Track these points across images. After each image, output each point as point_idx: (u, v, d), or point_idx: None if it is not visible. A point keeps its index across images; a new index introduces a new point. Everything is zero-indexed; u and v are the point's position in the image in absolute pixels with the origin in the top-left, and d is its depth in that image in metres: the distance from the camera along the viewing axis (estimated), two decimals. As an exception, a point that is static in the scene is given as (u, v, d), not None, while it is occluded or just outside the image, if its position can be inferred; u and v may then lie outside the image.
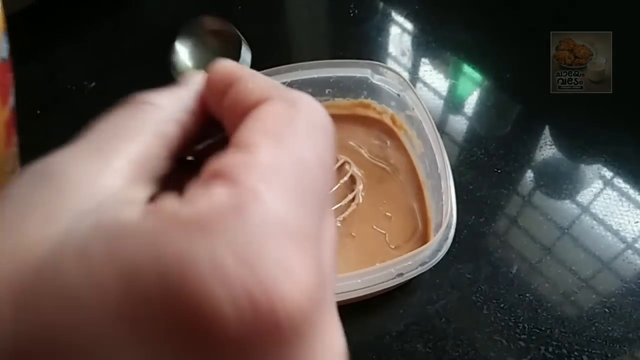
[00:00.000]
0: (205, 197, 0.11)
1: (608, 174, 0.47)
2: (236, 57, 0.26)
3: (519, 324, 0.38)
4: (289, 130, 0.13)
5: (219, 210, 0.11)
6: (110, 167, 0.13)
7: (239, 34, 0.27)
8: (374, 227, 0.42)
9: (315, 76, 0.45)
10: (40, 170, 0.13)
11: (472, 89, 0.55)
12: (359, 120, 0.49)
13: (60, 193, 0.13)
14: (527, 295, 0.39)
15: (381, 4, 0.64)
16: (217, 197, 0.11)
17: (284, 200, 0.12)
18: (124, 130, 0.15)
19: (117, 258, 0.11)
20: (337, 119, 0.48)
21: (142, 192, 0.14)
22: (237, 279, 0.10)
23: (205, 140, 0.18)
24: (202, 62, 0.27)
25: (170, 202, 0.12)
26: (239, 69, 0.16)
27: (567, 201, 0.45)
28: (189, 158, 0.18)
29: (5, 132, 0.29)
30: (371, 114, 0.48)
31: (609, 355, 0.37)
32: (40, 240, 0.11)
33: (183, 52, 0.28)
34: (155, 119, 0.15)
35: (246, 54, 0.27)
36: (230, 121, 0.15)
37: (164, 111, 0.16)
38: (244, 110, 0.14)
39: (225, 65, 0.17)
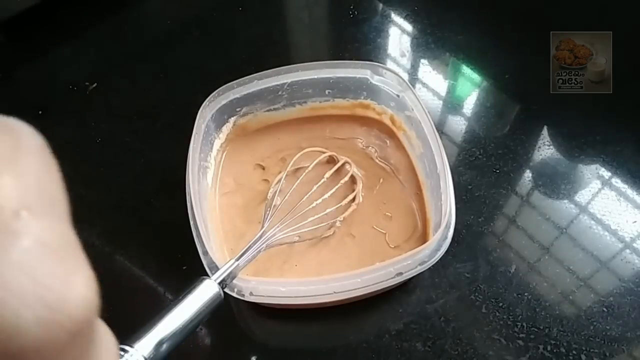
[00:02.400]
0: None
1: (606, 174, 0.47)
2: None
3: (518, 323, 0.38)
4: (14, 152, 0.13)
5: None
6: None
7: None
8: (374, 226, 0.42)
9: (315, 77, 0.46)
10: None
11: (471, 90, 0.55)
12: (358, 120, 0.49)
13: None
14: (526, 294, 0.40)
15: (381, 5, 0.64)
16: None
17: (45, 218, 0.12)
18: None
19: None
20: (337, 119, 0.49)
21: None
22: (37, 295, 0.11)
23: None
24: None
25: None
26: None
27: (566, 201, 0.46)
28: None
29: None
30: (371, 114, 0.49)
31: (607, 354, 0.37)
32: None
33: None
34: None
35: None
36: None
37: None
38: None
39: None
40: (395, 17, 0.62)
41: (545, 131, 0.51)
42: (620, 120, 0.51)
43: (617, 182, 0.47)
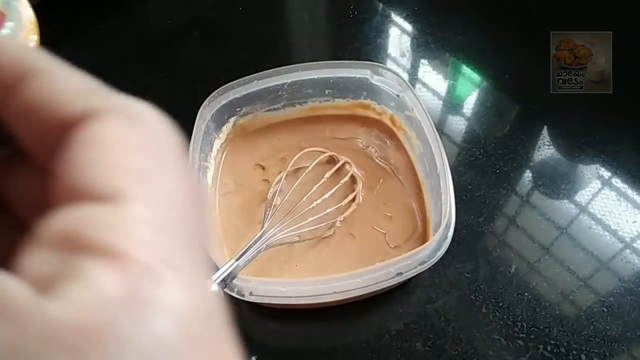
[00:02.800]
0: (80, 290, 0.08)
1: (606, 174, 0.47)
2: None
3: (518, 323, 0.38)
4: (153, 164, 0.10)
5: (110, 311, 0.08)
6: None
7: None
8: (374, 227, 0.42)
9: (315, 77, 0.45)
10: None
11: (471, 90, 0.55)
12: (358, 120, 0.49)
13: None
14: (526, 294, 0.40)
15: (380, 5, 0.64)
16: (102, 286, 0.08)
17: (183, 271, 0.09)
18: None
19: None
20: (337, 119, 0.49)
21: None
22: None
23: None
24: None
25: (19, 293, 0.08)
26: (35, 56, 0.11)
27: (566, 201, 0.46)
28: None
29: None
30: (371, 114, 0.49)
31: (607, 354, 0.37)
32: None
33: None
34: None
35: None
36: (29, 132, 0.11)
37: None
38: (57, 124, 0.10)
39: (11, 46, 0.11)
40: (395, 17, 0.62)
41: (545, 131, 0.51)
42: (620, 120, 0.51)
43: (617, 182, 0.47)
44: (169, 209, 0.09)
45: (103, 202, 0.09)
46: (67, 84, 0.11)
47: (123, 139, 0.10)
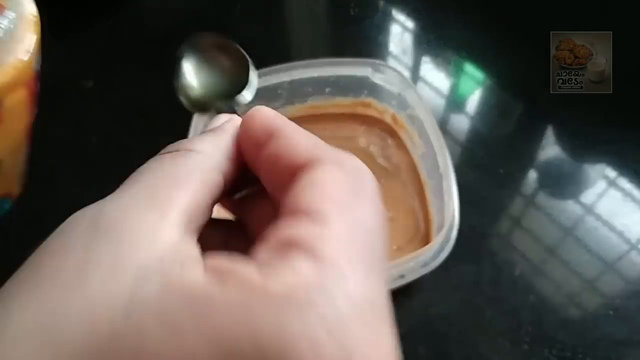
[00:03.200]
0: (289, 271, 0.12)
1: (612, 174, 0.47)
2: (244, 78, 0.26)
3: (522, 327, 0.38)
4: (352, 198, 0.14)
5: (306, 287, 0.11)
6: (166, 219, 0.13)
7: (244, 52, 0.26)
8: (375, 228, 0.41)
9: (316, 75, 0.45)
10: (95, 221, 0.13)
11: (474, 88, 0.55)
12: (359, 119, 0.48)
13: (121, 247, 0.12)
14: (531, 297, 0.39)
15: (382, 3, 0.63)
16: (302, 272, 0.12)
17: (362, 273, 0.12)
18: (172, 178, 0.15)
19: (210, 331, 0.11)
20: (338, 117, 0.48)
21: (194, 245, 0.13)
22: (333, 357, 0.11)
23: (240, 190, 0.18)
24: (210, 84, 0.27)
25: (248, 271, 0.12)
26: (279, 120, 0.16)
27: (571, 202, 0.45)
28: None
29: (25, 136, 0.29)
30: (372, 113, 0.48)
31: (614, 358, 0.37)
32: (109, 299, 0.11)
33: (188, 71, 0.27)
34: (201, 166, 0.15)
35: (253, 75, 0.27)
36: (271, 176, 0.16)
37: (209, 159, 0.16)
38: (291, 169, 0.15)
39: (263, 113, 0.17)
40: (397, 15, 0.61)
41: (549, 131, 0.50)
42: (624, 121, 0.51)
43: (623, 182, 0.46)
44: (358, 230, 0.13)
45: (314, 220, 0.13)
46: (298, 140, 0.16)
47: (333, 180, 0.14)
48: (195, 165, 0.15)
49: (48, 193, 0.43)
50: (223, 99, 0.25)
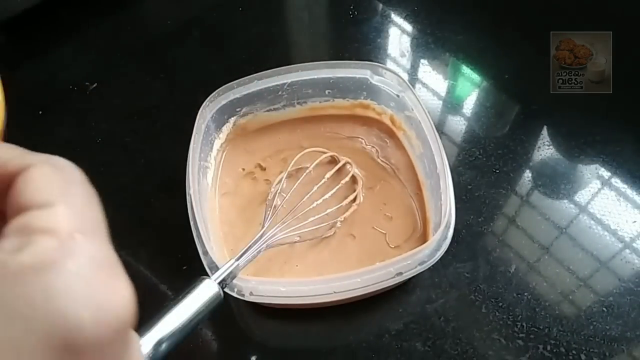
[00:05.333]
0: (31, 247, 0.13)
1: (606, 174, 0.47)
2: None
3: (517, 323, 0.38)
4: (65, 184, 0.16)
5: (52, 255, 0.13)
6: None
7: None
8: (374, 227, 0.42)
9: (315, 77, 0.46)
10: None
11: (471, 90, 0.55)
12: (358, 120, 0.49)
13: None
14: (526, 294, 0.40)
15: (380, 5, 0.64)
16: (44, 245, 0.13)
17: (93, 238, 0.15)
18: None
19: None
20: (337, 119, 0.49)
21: None
22: (92, 299, 0.14)
23: None
24: None
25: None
26: None
27: (565, 201, 0.46)
28: None
29: None
30: (371, 114, 0.49)
31: (607, 354, 0.37)
32: None
33: None
34: None
35: None
36: None
37: None
38: (5, 178, 0.16)
39: None
40: (395, 17, 0.62)
41: (545, 131, 0.51)
42: (620, 121, 0.51)
43: (616, 182, 0.47)
44: (78, 205, 0.15)
45: (37, 207, 0.14)
46: (3, 153, 0.16)
47: (49, 175, 0.15)
48: None
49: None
50: None
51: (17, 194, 0.15)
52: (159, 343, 0.23)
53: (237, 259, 0.31)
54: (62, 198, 0.15)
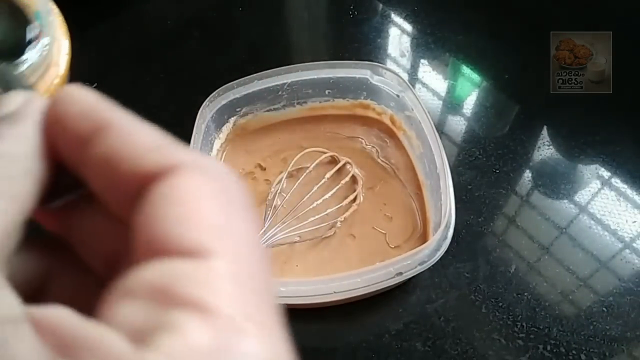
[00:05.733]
0: (173, 339, 0.09)
1: (606, 174, 0.47)
2: (20, 36, 0.19)
3: (517, 323, 0.38)
4: (227, 217, 0.11)
5: (199, 358, 0.09)
6: None
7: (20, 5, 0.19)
8: (374, 227, 0.42)
9: (315, 77, 0.46)
10: None
11: (471, 90, 0.55)
12: (358, 120, 0.49)
13: None
14: (526, 294, 0.40)
15: (380, 5, 0.64)
16: (191, 338, 0.09)
17: (260, 324, 0.10)
18: None
19: None
20: (337, 119, 0.49)
21: (9, 295, 0.10)
22: None
23: (57, 195, 0.13)
24: None
25: (115, 343, 0.09)
26: (105, 107, 0.12)
27: (565, 201, 0.46)
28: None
29: None
30: (371, 114, 0.49)
31: (607, 354, 0.37)
32: None
33: None
34: (5, 175, 0.11)
35: (33, 32, 0.20)
36: (104, 182, 0.12)
37: (14, 163, 0.11)
38: (135, 176, 0.11)
39: (82, 96, 0.12)
40: (395, 17, 0.62)
41: (545, 131, 0.51)
42: (620, 121, 0.51)
43: (616, 182, 0.47)
44: (246, 264, 0.10)
45: (189, 258, 0.10)
46: (139, 138, 0.12)
47: (199, 193, 0.11)
48: (1, 174, 0.11)
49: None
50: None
51: (150, 214, 0.10)
52: None
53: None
54: (222, 241, 0.10)
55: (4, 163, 0.11)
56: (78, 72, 0.58)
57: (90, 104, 0.12)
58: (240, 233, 0.11)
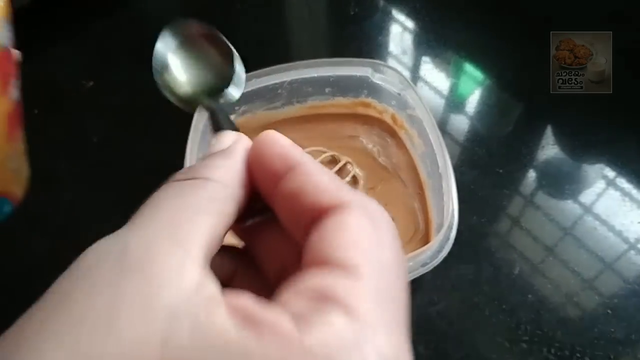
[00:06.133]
0: (326, 327, 0.12)
1: (610, 173, 0.47)
2: (230, 71, 0.24)
3: (521, 326, 0.38)
4: (377, 247, 0.14)
5: (342, 343, 0.12)
6: (189, 256, 0.13)
7: (229, 43, 0.24)
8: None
9: (316, 75, 0.45)
10: (121, 257, 0.13)
11: (473, 88, 0.55)
12: (359, 119, 0.48)
13: (149, 287, 0.12)
14: (529, 296, 0.39)
15: (382, 3, 0.63)
16: (338, 328, 0.12)
17: (390, 329, 0.13)
18: (193, 211, 0.14)
19: None
20: (338, 118, 0.48)
21: (214, 282, 0.13)
22: None
23: (249, 216, 0.17)
24: (196, 77, 0.25)
25: (285, 324, 0.12)
26: (297, 152, 0.16)
27: (570, 201, 0.45)
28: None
29: (6, 124, 0.28)
30: (372, 113, 0.48)
31: (612, 357, 0.37)
32: (142, 344, 0.11)
33: (174, 64, 0.24)
34: (218, 196, 0.15)
35: (240, 69, 0.24)
36: (288, 212, 0.15)
37: (225, 189, 0.15)
38: (314, 210, 0.14)
39: (279, 141, 0.17)
40: (397, 15, 0.62)
41: (548, 130, 0.50)
42: (622, 120, 0.51)
43: (621, 182, 0.46)
44: (386, 281, 0.13)
45: (344, 272, 0.13)
46: (319, 179, 0.15)
47: (360, 227, 0.14)
48: (213, 195, 0.15)
49: (48, 193, 0.43)
50: (210, 94, 0.24)
51: (322, 239, 0.14)
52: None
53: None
54: (371, 262, 0.13)
55: (219, 187, 0.15)
56: (78, 72, 0.58)
57: (285, 147, 0.17)
58: (385, 256, 0.14)
